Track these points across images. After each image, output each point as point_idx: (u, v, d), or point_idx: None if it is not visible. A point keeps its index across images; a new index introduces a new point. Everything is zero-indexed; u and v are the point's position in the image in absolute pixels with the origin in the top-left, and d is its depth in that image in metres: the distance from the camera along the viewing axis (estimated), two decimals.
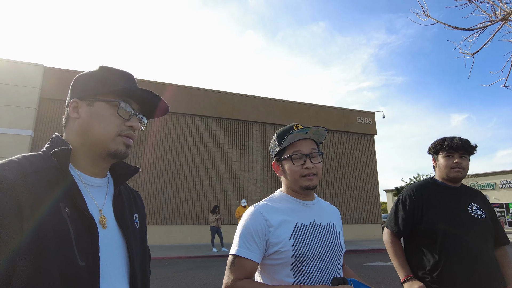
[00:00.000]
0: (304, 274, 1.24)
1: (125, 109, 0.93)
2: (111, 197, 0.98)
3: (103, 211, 0.92)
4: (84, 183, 0.90)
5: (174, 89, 15.89)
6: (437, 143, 2.11)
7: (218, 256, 11.09)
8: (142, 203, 1.16)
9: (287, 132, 1.35)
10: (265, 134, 17.14)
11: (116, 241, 0.91)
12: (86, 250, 0.80)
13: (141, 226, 1.07)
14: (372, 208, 18.36)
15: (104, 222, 0.89)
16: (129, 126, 0.94)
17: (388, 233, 2.12)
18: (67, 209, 0.81)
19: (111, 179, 1.02)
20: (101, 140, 0.90)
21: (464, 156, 2.02)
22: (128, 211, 1.02)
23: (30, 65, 14.13)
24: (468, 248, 1.84)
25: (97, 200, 0.92)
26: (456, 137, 2.06)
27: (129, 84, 0.98)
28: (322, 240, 1.32)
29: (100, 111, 0.91)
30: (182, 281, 7.07)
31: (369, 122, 19.34)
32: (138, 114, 0.97)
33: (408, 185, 2.19)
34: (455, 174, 2.00)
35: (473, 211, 1.95)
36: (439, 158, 2.09)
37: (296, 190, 1.37)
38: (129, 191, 1.11)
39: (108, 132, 0.91)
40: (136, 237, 1.00)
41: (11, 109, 13.43)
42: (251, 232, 1.26)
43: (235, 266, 1.23)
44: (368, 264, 9.43)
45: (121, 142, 0.92)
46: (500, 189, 33.52)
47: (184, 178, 15.24)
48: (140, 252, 1.01)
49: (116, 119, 0.92)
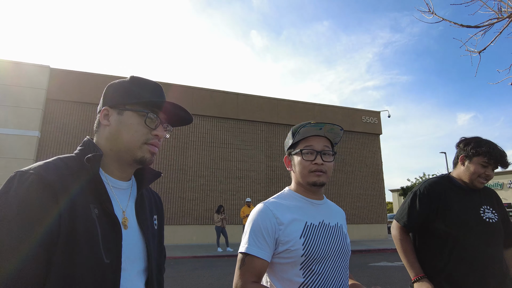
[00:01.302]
0: (313, 274, 1.23)
1: (152, 119, 0.99)
2: (134, 199, 1.04)
3: (126, 212, 0.98)
4: (110, 185, 0.97)
5: (178, 89, 15.94)
6: (484, 148, 1.91)
7: (223, 256, 11.09)
8: (162, 205, 1.23)
9: (302, 126, 1.33)
10: (269, 134, 17.13)
11: (136, 240, 0.98)
12: (111, 249, 0.87)
13: (159, 226, 1.15)
14: (378, 208, 18.25)
15: (126, 223, 0.96)
16: (155, 135, 1.00)
17: (397, 228, 2.03)
18: (96, 210, 0.87)
19: (134, 182, 1.08)
20: (129, 147, 0.97)
21: (494, 168, 1.95)
22: (149, 212, 1.08)
23: (36, 66, 14.26)
24: (479, 254, 1.81)
25: (121, 202, 0.98)
26: (498, 148, 1.93)
27: (157, 95, 1.04)
28: (331, 240, 1.31)
29: (128, 120, 0.98)
30: (187, 281, 7.08)
31: (374, 121, 19.24)
32: (164, 124, 1.04)
33: (424, 180, 2.09)
34: (479, 185, 1.94)
35: (485, 215, 1.89)
36: (474, 161, 1.93)
37: (304, 186, 1.35)
38: (151, 193, 1.19)
39: (135, 140, 0.97)
40: (155, 237, 1.07)
41: (17, 110, 13.56)
42: (261, 230, 1.24)
43: (245, 266, 1.21)
44: (374, 264, 9.38)
45: (147, 150, 0.98)
46: (508, 189, 33.19)
47: (189, 178, 15.28)
48: (157, 251, 1.07)
49: (143, 128, 0.98)
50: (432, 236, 1.94)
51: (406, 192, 32.36)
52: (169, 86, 15.85)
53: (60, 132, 14.12)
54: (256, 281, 1.20)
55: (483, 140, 1.97)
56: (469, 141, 2.00)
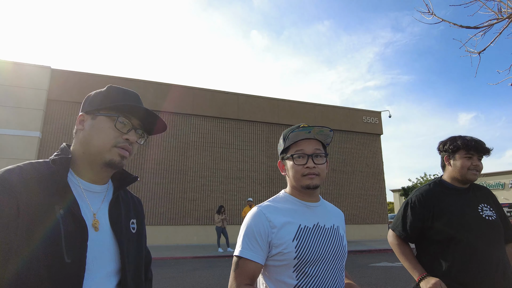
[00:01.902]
0: (307, 276, 1.23)
1: (123, 123, 1.02)
2: (108, 202, 1.06)
3: (98, 215, 1.00)
4: (82, 188, 1.00)
5: (179, 89, 15.96)
6: (459, 141, 1.99)
7: (224, 256, 11.11)
8: (142, 209, 1.24)
9: (291, 131, 1.35)
10: (270, 134, 17.13)
11: (108, 242, 0.99)
12: (74, 249, 0.88)
13: (138, 231, 1.15)
14: (379, 209, 18.23)
15: (97, 225, 0.97)
16: (126, 139, 1.02)
17: (393, 236, 2.08)
18: (61, 211, 0.90)
19: (111, 186, 1.11)
20: (99, 150, 1.00)
21: (480, 158, 1.97)
22: (125, 216, 1.10)
23: (37, 67, 14.29)
24: (482, 253, 1.81)
25: (92, 205, 1.00)
26: (475, 138, 1.99)
27: (132, 102, 1.07)
28: (326, 242, 1.31)
29: (100, 124, 1.02)
30: (188, 281, 7.09)
31: (375, 121, 19.23)
32: (137, 129, 1.06)
33: (416, 189, 2.12)
34: (472, 177, 1.95)
35: (483, 213, 1.90)
36: (457, 158, 1.99)
37: (298, 189, 1.37)
38: (130, 197, 1.19)
39: (105, 143, 1.00)
40: (131, 241, 1.07)
41: (19, 111, 13.60)
42: (253, 233, 1.26)
43: (239, 268, 1.23)
44: (374, 264, 9.37)
45: (116, 153, 1.01)
46: (509, 189, 33.09)
47: (189, 178, 15.30)
48: (134, 255, 1.07)
49: (114, 131, 1.01)
50: (432, 242, 1.94)
51: (407, 192, 32.32)
52: (169, 86, 15.87)
53: (61, 133, 14.15)
54: (250, 284, 1.22)
55: (457, 136, 2.05)
56: (446, 141, 2.08)
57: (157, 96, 15.42)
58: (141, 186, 14.46)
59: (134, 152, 1.07)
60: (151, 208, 14.43)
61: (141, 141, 1.09)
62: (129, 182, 1.15)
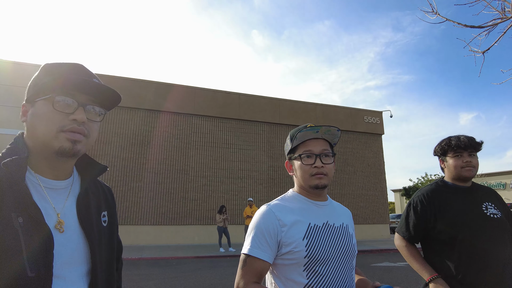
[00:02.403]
0: (317, 275, 1.23)
1: (64, 102, 0.87)
2: (75, 198, 0.94)
3: (63, 214, 0.88)
4: (43, 186, 0.87)
5: (180, 89, 15.95)
6: (444, 144, 2.06)
7: (225, 256, 11.10)
8: (113, 199, 1.13)
9: (298, 131, 1.34)
10: (271, 134, 17.12)
11: (77, 243, 0.89)
12: (38, 260, 0.77)
13: (110, 223, 1.06)
14: (380, 208, 18.23)
15: (61, 226, 0.86)
16: (73, 120, 0.87)
17: (399, 238, 2.09)
18: (20, 219, 0.77)
19: (78, 178, 0.99)
20: (44, 139, 0.86)
21: (473, 154, 1.98)
22: (95, 209, 0.99)
23: (37, 66, 14.16)
24: (488, 252, 1.79)
25: (55, 204, 0.88)
26: (461, 136, 2.02)
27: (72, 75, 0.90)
28: (336, 241, 1.30)
29: (39, 109, 0.87)
30: (190, 281, 7.09)
31: (376, 121, 19.22)
32: (87, 105, 0.90)
33: (418, 190, 2.13)
34: (468, 174, 1.96)
35: (488, 211, 1.89)
36: (448, 159, 2.04)
37: (307, 189, 1.36)
38: (100, 187, 1.07)
39: (48, 130, 0.85)
40: (102, 235, 0.98)
41: (19, 110, 13.53)
42: (262, 232, 1.25)
43: (246, 266, 1.23)
44: (376, 264, 9.36)
45: (64, 138, 0.86)
46: (510, 189, 33.06)
47: (191, 178, 15.29)
48: (106, 250, 0.99)
49: (56, 114, 0.86)
50: (437, 242, 1.93)
51: (408, 192, 32.31)
52: (171, 86, 15.86)
53: None
54: (257, 282, 1.22)
55: (445, 138, 2.11)
56: (436, 146, 2.14)
57: (158, 96, 15.42)
58: (142, 186, 14.46)
59: (92, 133, 0.92)
60: (152, 208, 14.42)
61: (97, 118, 0.93)
62: (98, 173, 1.02)
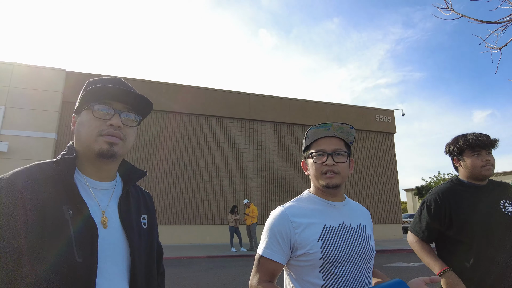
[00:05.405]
0: (334, 277, 1.22)
1: (102, 110, 1.00)
2: (117, 199, 1.05)
3: (107, 212, 0.99)
4: (89, 186, 1.00)
5: (190, 90, 16.06)
6: (461, 142, 1.98)
7: (237, 256, 11.13)
8: (153, 205, 1.24)
9: (310, 129, 1.34)
10: (282, 134, 17.09)
11: (118, 239, 0.99)
12: (85, 248, 0.88)
13: (150, 226, 1.14)
14: (392, 208, 18.02)
15: (106, 222, 0.97)
16: (110, 125, 1.00)
17: (412, 236, 2.06)
18: (70, 211, 0.90)
19: (120, 182, 1.11)
20: (86, 143, 0.99)
21: (489, 152, 1.94)
22: (135, 211, 1.10)
23: (52, 70, 14.58)
24: (506, 251, 1.76)
25: (101, 202, 1.00)
26: (477, 134, 1.96)
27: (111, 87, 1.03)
28: (352, 242, 1.29)
29: (82, 118, 1.02)
30: (202, 281, 7.13)
31: (388, 120, 19.00)
32: (122, 113, 1.03)
33: (433, 188, 2.10)
34: (488, 173, 1.91)
35: (505, 209, 1.85)
36: (465, 158, 1.97)
37: (321, 189, 1.35)
38: (140, 192, 1.19)
39: (89, 134, 0.99)
40: (142, 236, 1.07)
41: (35, 113, 13.88)
42: (275, 234, 1.26)
43: (259, 266, 1.27)
44: (389, 265, 9.25)
45: (102, 141, 0.98)
46: None
47: (202, 178, 15.38)
48: (146, 250, 1.07)
49: (95, 121, 0.99)
50: (452, 243, 1.89)
51: (421, 192, 31.84)
52: (180, 87, 15.99)
53: None
54: (269, 280, 1.25)
55: (459, 136, 2.04)
56: (450, 143, 2.07)
57: (168, 97, 15.55)
58: (154, 186, 14.61)
59: (128, 137, 1.04)
60: (164, 208, 14.56)
61: (132, 124, 1.06)
62: (138, 178, 1.14)
